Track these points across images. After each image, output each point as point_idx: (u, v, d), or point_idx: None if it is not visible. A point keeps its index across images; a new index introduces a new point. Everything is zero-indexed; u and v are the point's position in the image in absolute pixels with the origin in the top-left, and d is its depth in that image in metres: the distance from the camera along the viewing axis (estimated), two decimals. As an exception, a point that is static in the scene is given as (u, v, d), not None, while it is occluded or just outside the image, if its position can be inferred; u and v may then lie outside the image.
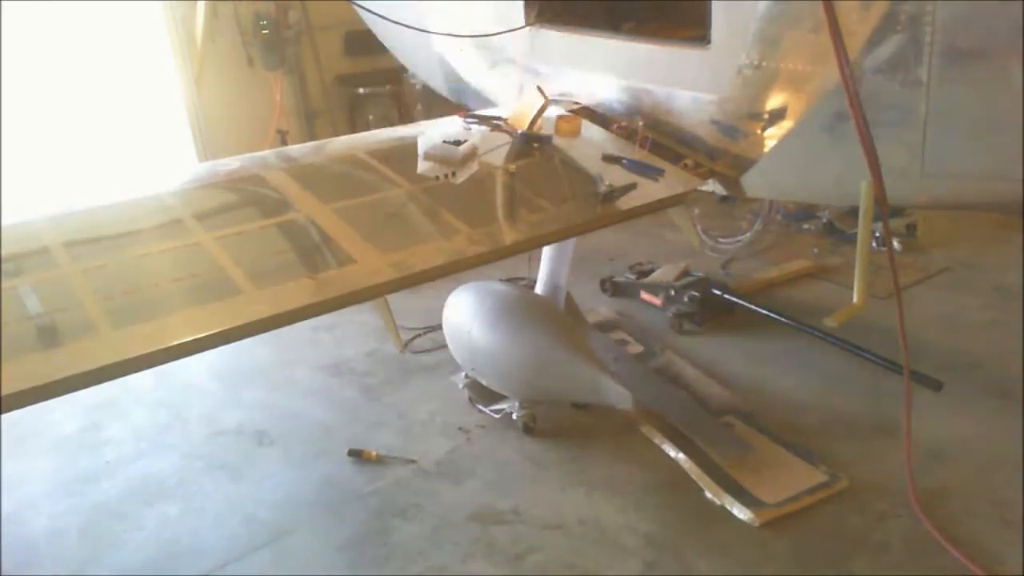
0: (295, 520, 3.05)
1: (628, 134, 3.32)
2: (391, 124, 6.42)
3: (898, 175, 2.74)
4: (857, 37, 2.62)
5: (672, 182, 3.08)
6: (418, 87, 6.67)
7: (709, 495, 2.99)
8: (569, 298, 4.06)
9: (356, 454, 3.37)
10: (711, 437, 3.23)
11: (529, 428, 3.44)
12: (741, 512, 2.87)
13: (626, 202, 2.92)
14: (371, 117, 7.01)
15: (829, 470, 2.98)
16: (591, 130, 3.38)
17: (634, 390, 3.04)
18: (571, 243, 3.79)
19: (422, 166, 2.93)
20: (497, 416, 3.53)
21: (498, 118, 3.30)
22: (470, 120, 3.28)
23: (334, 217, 2.58)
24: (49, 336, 2.00)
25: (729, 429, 3.29)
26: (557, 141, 3.22)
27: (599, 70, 3.52)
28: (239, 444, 3.56)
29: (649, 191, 2.99)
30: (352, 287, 2.30)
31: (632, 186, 2.93)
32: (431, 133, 3.13)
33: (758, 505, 2.88)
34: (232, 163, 2.92)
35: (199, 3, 6.08)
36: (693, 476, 3.08)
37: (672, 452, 3.21)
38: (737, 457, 3.11)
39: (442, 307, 3.65)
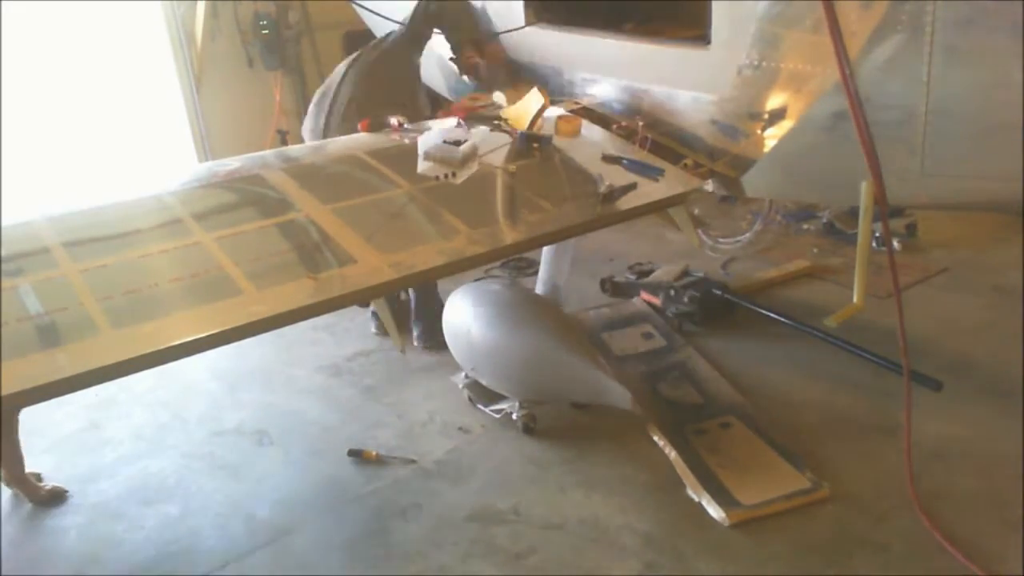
0: (295, 520, 3.05)
1: (628, 134, 3.32)
2: (391, 124, 6.42)
3: (898, 175, 2.74)
4: (857, 37, 2.62)
5: (672, 182, 3.08)
6: (418, 87, 6.67)
7: (690, 491, 2.99)
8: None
9: (356, 454, 3.37)
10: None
11: (529, 428, 3.43)
12: (714, 511, 2.87)
13: (626, 202, 2.92)
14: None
15: (813, 477, 2.97)
16: (591, 130, 3.39)
17: None
18: (571, 243, 3.79)
19: (422, 166, 2.93)
20: (497, 416, 3.52)
21: (498, 118, 3.30)
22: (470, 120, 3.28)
23: (334, 217, 2.58)
24: (49, 336, 2.00)
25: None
26: (557, 141, 3.22)
27: (599, 70, 3.52)
28: (239, 444, 3.56)
29: (649, 191, 3.00)
30: (352, 287, 2.30)
31: (632, 186, 2.94)
32: (431, 133, 3.13)
33: (732, 505, 2.88)
34: (232, 163, 2.93)
35: (199, 3, 6.08)
36: (679, 472, 3.09)
37: (666, 449, 3.22)
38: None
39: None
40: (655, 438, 3.30)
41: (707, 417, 3.43)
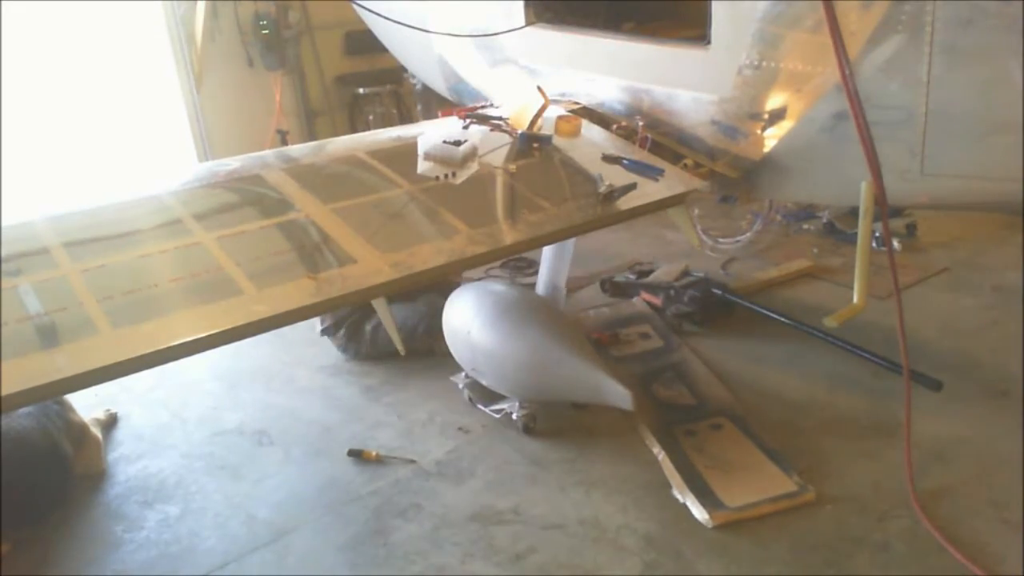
0: (295, 520, 3.05)
1: (628, 134, 3.32)
2: (391, 124, 6.44)
3: (898, 175, 2.74)
4: (857, 37, 2.62)
5: (672, 182, 3.08)
6: (418, 87, 6.67)
7: (675, 492, 2.99)
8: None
9: (356, 454, 3.37)
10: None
11: (529, 428, 3.43)
12: (699, 512, 2.86)
13: (626, 202, 2.92)
14: (371, 117, 7.02)
15: (801, 481, 2.97)
16: (591, 130, 3.38)
17: None
18: (571, 243, 3.79)
19: (422, 166, 2.93)
20: (497, 416, 3.52)
21: (498, 118, 3.30)
22: (469, 119, 3.28)
23: (334, 217, 2.58)
24: (49, 336, 2.00)
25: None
26: (557, 141, 3.22)
27: (599, 70, 3.52)
28: (239, 444, 3.56)
29: (649, 191, 3.00)
30: (352, 287, 2.30)
31: (632, 186, 2.93)
32: (431, 133, 3.13)
33: (717, 507, 2.87)
34: (232, 163, 2.92)
35: (199, 3, 6.08)
36: (666, 473, 3.09)
37: (655, 449, 3.22)
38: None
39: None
40: (644, 438, 3.30)
41: (699, 418, 3.43)
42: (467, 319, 3.47)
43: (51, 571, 2.89)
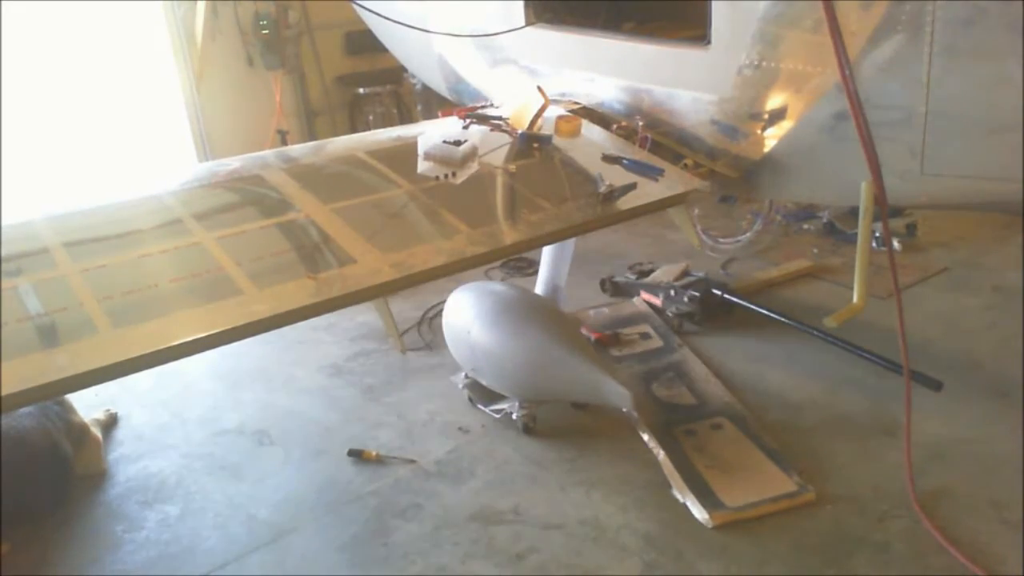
0: (295, 520, 3.05)
1: (628, 134, 3.32)
2: (391, 124, 6.44)
3: (898, 175, 2.74)
4: (857, 37, 2.62)
5: (672, 182, 3.08)
6: (418, 87, 6.67)
7: (675, 492, 2.99)
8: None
9: (356, 454, 3.37)
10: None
11: (529, 428, 3.43)
12: (699, 512, 2.87)
13: (626, 202, 2.92)
14: (371, 117, 7.02)
15: (801, 481, 2.97)
16: (591, 130, 3.38)
17: None
18: (571, 243, 3.79)
19: (422, 166, 2.93)
20: (497, 416, 3.52)
21: (498, 118, 3.30)
22: (469, 119, 3.28)
23: (334, 217, 2.58)
24: (49, 336, 2.00)
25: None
26: (557, 141, 3.22)
27: (599, 70, 3.52)
28: (239, 444, 3.56)
29: (649, 191, 3.00)
30: (352, 287, 2.30)
31: (632, 186, 2.93)
32: (431, 133, 3.13)
33: (717, 507, 2.87)
34: (232, 163, 2.92)
35: (199, 3, 6.08)
36: (666, 473, 3.09)
37: (655, 450, 3.22)
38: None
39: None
40: (645, 438, 3.30)
41: (699, 418, 3.44)
42: (467, 319, 3.47)
43: (51, 571, 2.89)
